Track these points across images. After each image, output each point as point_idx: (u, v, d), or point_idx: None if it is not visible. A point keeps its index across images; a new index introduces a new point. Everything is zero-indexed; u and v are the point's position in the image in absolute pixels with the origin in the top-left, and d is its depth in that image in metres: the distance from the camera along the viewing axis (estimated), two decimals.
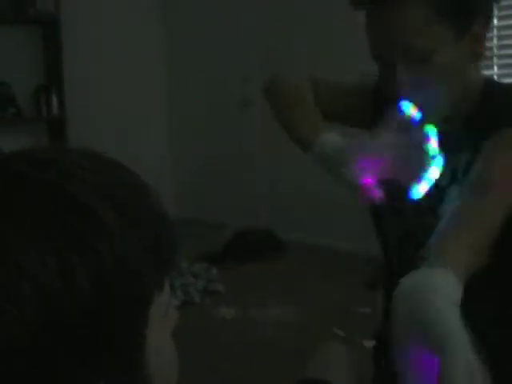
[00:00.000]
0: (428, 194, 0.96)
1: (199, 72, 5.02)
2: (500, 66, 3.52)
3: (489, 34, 3.08)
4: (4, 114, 4.28)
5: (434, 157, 0.92)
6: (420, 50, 0.90)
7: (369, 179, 0.94)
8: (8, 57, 4.36)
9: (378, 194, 0.95)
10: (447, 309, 0.62)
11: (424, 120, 0.94)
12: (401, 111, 0.93)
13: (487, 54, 3.42)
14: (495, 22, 3.47)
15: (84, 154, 0.48)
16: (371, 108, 1.10)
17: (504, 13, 3.45)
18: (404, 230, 1.08)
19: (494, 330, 1.00)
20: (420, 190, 0.93)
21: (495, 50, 3.51)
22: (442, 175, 0.97)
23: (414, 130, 0.93)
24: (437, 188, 0.98)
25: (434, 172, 0.93)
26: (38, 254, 0.40)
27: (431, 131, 0.93)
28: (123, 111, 4.95)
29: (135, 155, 3.49)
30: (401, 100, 0.94)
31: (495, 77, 3.50)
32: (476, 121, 0.98)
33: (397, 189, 0.97)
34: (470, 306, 0.77)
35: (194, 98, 5.13)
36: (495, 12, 3.46)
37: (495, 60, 3.51)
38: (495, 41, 3.50)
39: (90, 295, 0.41)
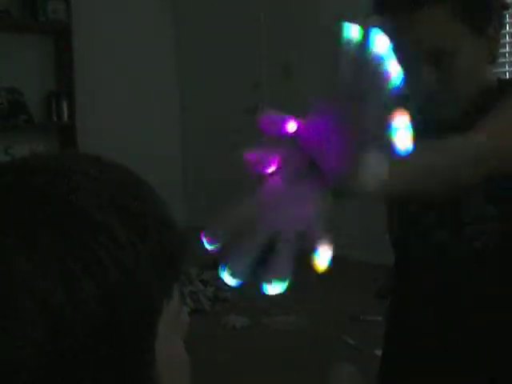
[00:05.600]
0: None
1: (210, 77, 5.03)
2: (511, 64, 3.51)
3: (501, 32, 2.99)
4: (15, 120, 4.31)
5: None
6: (442, 49, 0.94)
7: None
8: (20, 64, 4.40)
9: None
10: None
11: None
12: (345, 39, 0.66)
13: (500, 51, 3.41)
14: (507, 18, 3.46)
15: (93, 162, 0.47)
16: None
17: None
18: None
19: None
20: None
21: (507, 47, 3.50)
22: None
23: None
24: None
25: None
26: (41, 267, 0.38)
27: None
28: (133, 118, 4.96)
29: (146, 162, 3.50)
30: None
31: (507, 74, 3.49)
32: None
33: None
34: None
35: (205, 105, 5.13)
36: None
37: (507, 56, 3.51)
38: (507, 37, 3.49)
39: (96, 309, 0.39)
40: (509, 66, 3.51)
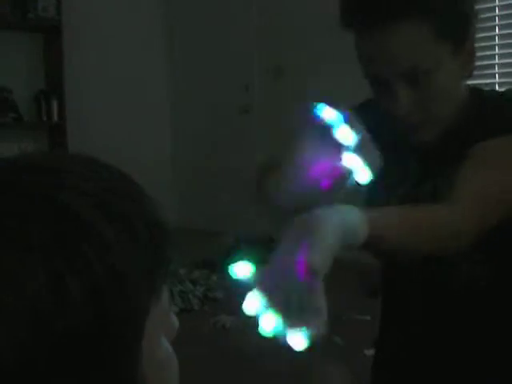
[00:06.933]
0: None
1: (201, 78, 5.02)
2: (501, 75, 3.52)
3: (491, 43, 3.02)
4: (5, 118, 4.28)
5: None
6: (420, 68, 0.88)
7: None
8: (9, 62, 4.37)
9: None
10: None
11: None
12: (316, 116, 0.77)
13: (489, 61, 3.43)
14: (497, 30, 3.47)
15: (84, 162, 0.46)
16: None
17: (506, 21, 3.46)
18: None
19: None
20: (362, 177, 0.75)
21: (497, 58, 3.51)
22: (422, 192, 0.98)
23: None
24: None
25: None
26: (29, 267, 0.38)
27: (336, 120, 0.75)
28: (123, 118, 4.95)
29: (135, 163, 3.48)
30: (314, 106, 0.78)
31: (496, 85, 3.49)
32: (459, 134, 0.96)
33: None
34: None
35: (196, 105, 5.13)
36: (496, 21, 3.46)
37: (497, 68, 3.51)
38: (497, 49, 3.49)
39: (83, 309, 0.39)
40: (499, 77, 3.53)
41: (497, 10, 3.48)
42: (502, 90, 3.35)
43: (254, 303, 0.67)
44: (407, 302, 1.08)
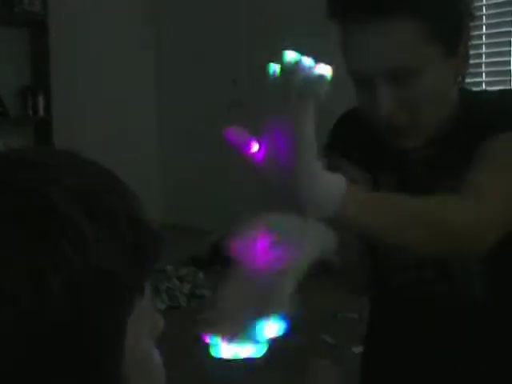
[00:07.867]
0: None
1: (189, 74, 5.01)
2: (488, 74, 3.53)
3: (477, 42, 3.00)
4: None
5: None
6: (406, 69, 0.84)
7: None
8: None
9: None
10: None
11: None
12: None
13: (476, 60, 3.44)
14: (484, 29, 3.48)
15: (67, 158, 0.46)
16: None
17: (493, 20, 3.47)
18: None
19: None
20: None
21: (484, 57, 3.52)
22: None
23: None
24: None
25: None
26: (10, 264, 0.38)
27: None
28: (110, 113, 4.92)
29: (122, 159, 3.47)
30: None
31: (483, 84, 3.50)
32: (453, 140, 0.93)
33: None
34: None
35: (183, 101, 5.11)
36: (484, 20, 3.48)
37: (484, 67, 3.53)
38: (484, 48, 3.50)
39: (63, 306, 0.39)
40: (486, 76, 3.53)
41: (484, 10, 3.50)
42: (493, 89, 3.37)
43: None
44: (398, 301, 1.07)
